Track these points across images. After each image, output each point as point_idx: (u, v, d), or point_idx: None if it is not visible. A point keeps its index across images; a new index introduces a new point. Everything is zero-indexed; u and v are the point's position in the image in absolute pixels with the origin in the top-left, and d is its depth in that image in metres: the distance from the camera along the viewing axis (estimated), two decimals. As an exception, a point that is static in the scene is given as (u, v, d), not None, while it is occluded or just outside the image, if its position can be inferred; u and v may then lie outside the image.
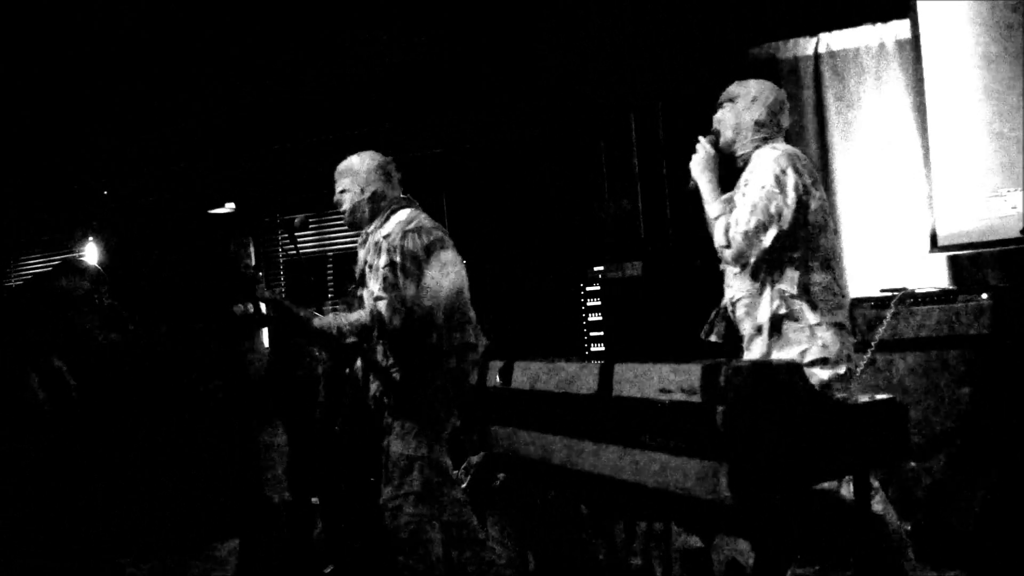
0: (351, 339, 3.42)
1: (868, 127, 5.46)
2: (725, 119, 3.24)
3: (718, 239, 3.07)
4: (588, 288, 5.68)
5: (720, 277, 3.50)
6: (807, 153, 4.22)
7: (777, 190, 2.96)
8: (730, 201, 3.12)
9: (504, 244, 6.18)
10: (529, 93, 6.37)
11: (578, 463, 2.40)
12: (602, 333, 5.58)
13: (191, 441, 4.60)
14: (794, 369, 2.06)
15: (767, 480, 1.98)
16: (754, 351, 3.09)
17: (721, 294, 3.41)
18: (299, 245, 7.52)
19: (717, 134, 3.25)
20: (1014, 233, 4.04)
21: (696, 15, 5.77)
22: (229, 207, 7.66)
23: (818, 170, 5.23)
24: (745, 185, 3.10)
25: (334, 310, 7.49)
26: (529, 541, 3.22)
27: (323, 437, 5.14)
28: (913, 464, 4.11)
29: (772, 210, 2.95)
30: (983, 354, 4.10)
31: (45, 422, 3.52)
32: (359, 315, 3.42)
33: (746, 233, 2.98)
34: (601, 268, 5.69)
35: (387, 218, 3.55)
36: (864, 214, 5.46)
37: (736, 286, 3.17)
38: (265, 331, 5.54)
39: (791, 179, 2.96)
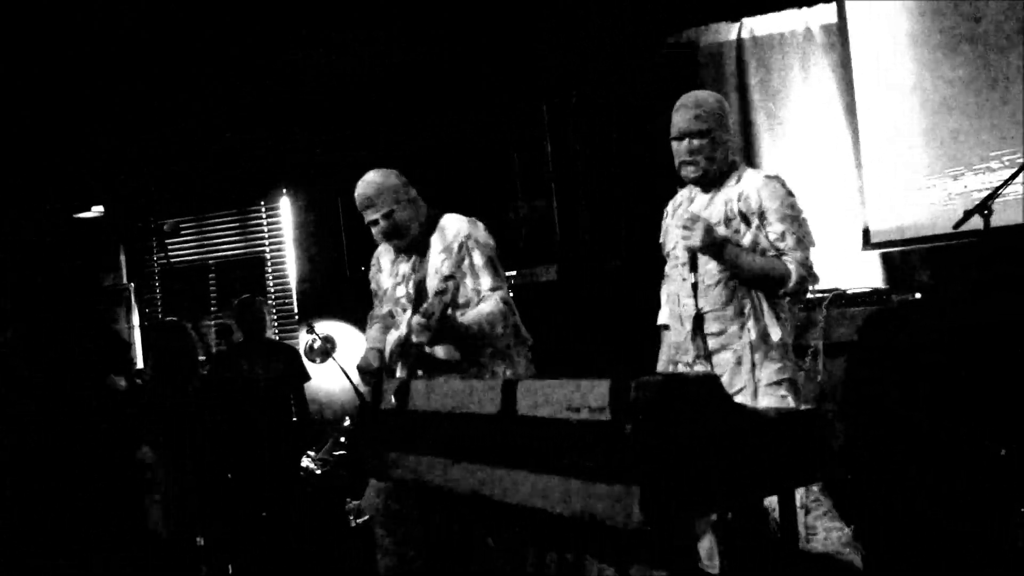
0: (498, 328, 3.52)
1: (794, 117, 5.59)
2: (702, 149, 3.23)
3: (796, 273, 3.13)
4: (500, 295, 5.68)
5: (641, 282, 3.59)
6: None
7: (804, 215, 3.24)
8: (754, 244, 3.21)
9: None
10: (444, 92, 6.36)
11: (481, 490, 2.38)
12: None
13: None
14: (709, 382, 2.08)
15: (683, 503, 1.99)
16: (730, 367, 3.21)
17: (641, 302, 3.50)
18: (176, 253, 7.41)
19: (696, 165, 3.24)
20: (947, 228, 4.15)
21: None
22: (97, 211, 7.46)
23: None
24: (760, 216, 3.20)
25: (217, 325, 7.40)
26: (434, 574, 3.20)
27: (208, 468, 5.03)
28: (849, 476, 4.21)
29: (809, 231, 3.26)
30: (916, 357, 4.22)
31: None
32: (489, 305, 3.52)
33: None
34: (513, 273, 5.69)
35: (435, 223, 3.69)
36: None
37: (710, 297, 3.24)
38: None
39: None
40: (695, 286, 3.27)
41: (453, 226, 3.65)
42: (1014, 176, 3.83)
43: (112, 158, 7.27)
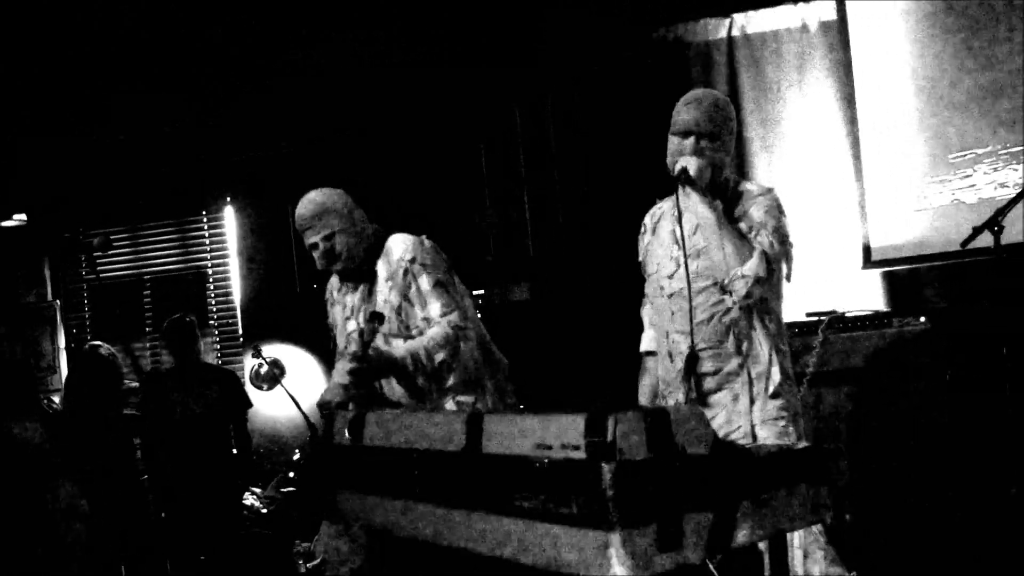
0: (440, 356, 3.57)
1: (790, 122, 5.63)
2: (709, 157, 3.11)
3: (758, 269, 3.02)
4: (466, 316, 5.66)
5: (624, 302, 3.59)
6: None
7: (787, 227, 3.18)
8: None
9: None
10: (403, 88, 6.35)
11: (440, 535, 2.35)
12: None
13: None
14: (695, 417, 2.07)
15: (666, 551, 1.98)
16: (728, 406, 3.19)
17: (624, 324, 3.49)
18: (107, 268, 7.31)
19: (702, 168, 3.07)
20: (954, 245, 4.19)
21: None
22: (19, 219, 7.38)
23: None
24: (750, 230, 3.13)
25: (152, 346, 7.34)
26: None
27: (136, 508, 4.97)
28: (850, 517, 4.22)
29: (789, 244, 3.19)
30: (922, 386, 4.24)
31: None
32: (434, 332, 3.59)
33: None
34: (481, 292, 5.67)
35: (381, 247, 3.74)
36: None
37: (703, 332, 3.19)
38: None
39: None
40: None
41: (397, 249, 3.70)
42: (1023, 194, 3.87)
43: (36, 160, 7.19)
